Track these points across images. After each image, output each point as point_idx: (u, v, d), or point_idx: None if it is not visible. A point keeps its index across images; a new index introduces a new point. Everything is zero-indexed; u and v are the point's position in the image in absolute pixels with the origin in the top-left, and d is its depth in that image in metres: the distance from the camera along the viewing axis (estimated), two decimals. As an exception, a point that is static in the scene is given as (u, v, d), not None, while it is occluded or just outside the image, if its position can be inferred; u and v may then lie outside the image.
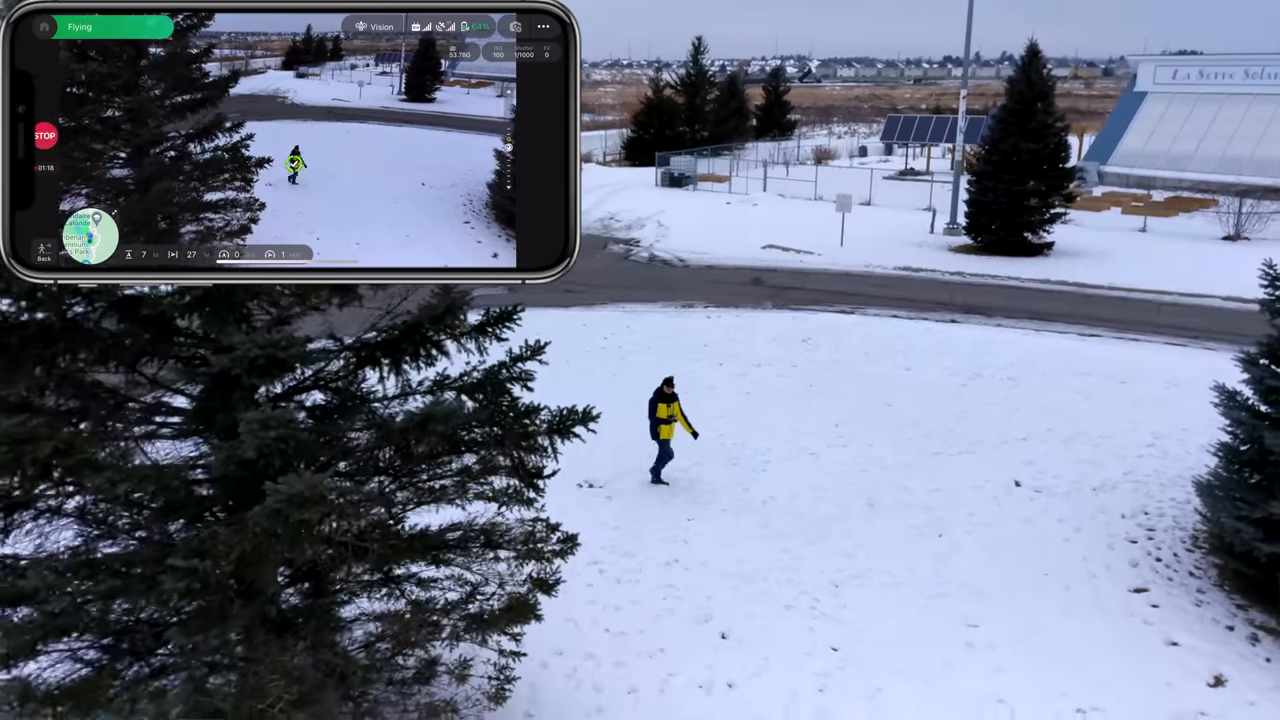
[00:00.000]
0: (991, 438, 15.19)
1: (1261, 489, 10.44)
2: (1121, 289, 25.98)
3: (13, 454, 4.85)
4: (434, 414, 5.76)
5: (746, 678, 9.31)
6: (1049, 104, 30.18)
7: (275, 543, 5.25)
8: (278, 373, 5.51)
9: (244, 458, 5.17)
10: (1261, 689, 9.17)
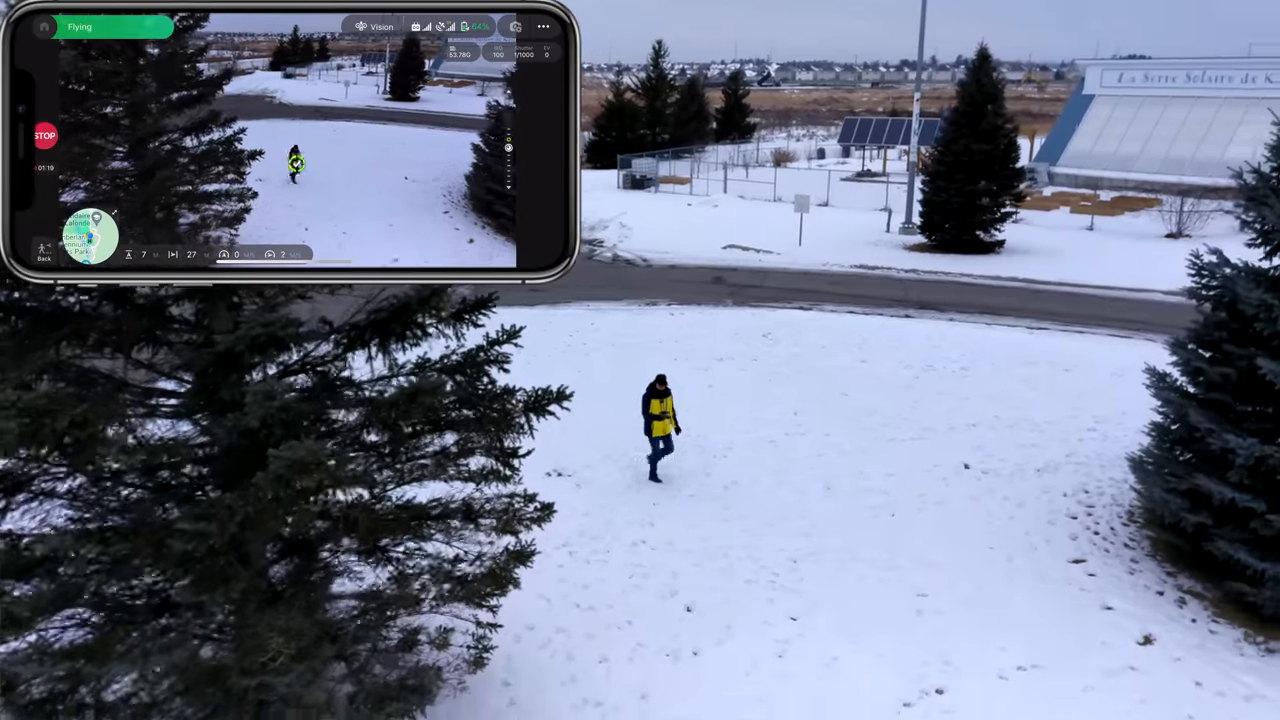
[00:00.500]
0: (942, 424, 15.90)
1: (1189, 464, 11.19)
2: (1069, 285, 26.93)
3: (34, 425, 5.26)
4: (421, 388, 6.25)
5: (710, 646, 9.86)
6: (999, 106, 31.14)
7: (277, 507, 5.69)
8: (276, 350, 5.96)
9: (247, 427, 5.62)
10: (1187, 646, 9.89)
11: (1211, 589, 10.81)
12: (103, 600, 6.17)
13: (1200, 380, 11.24)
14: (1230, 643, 10.00)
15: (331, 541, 7.22)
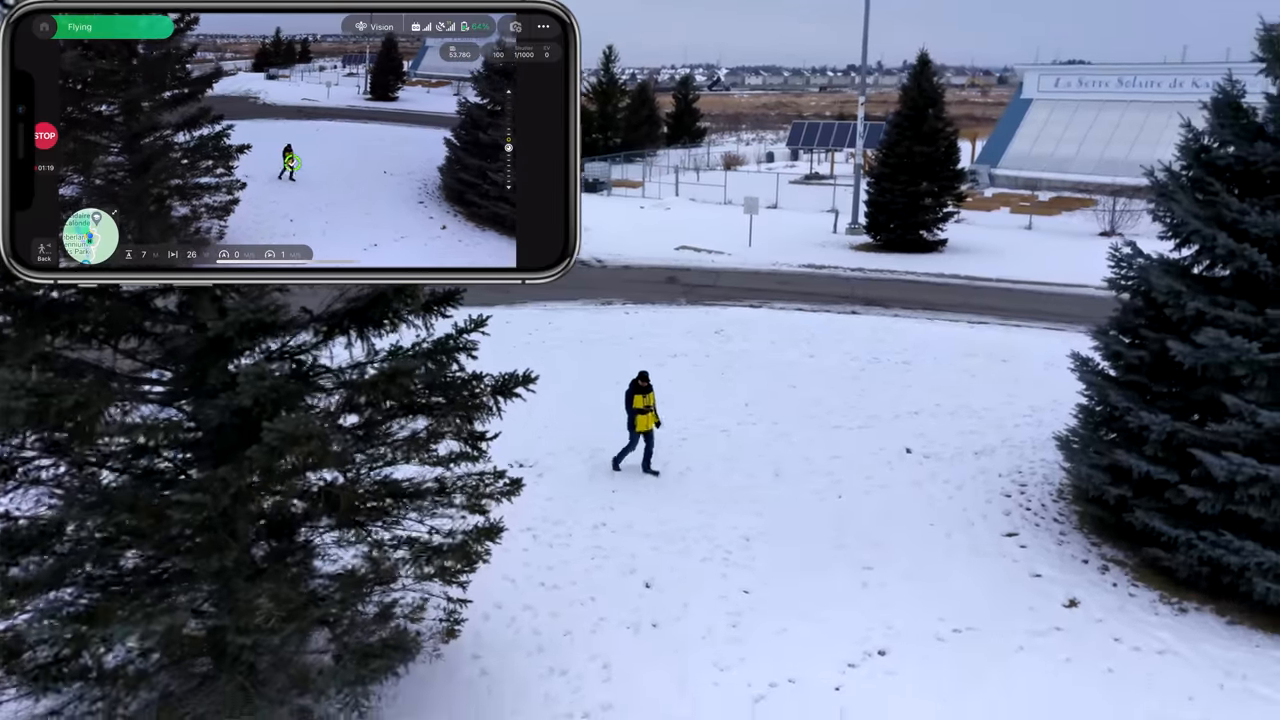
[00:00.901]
0: (887, 413, 16.67)
1: (1110, 441, 12.03)
2: (1008, 281, 28.01)
3: (41, 405, 5.69)
4: (400, 369, 6.76)
5: (668, 619, 10.45)
6: (939, 110, 32.23)
7: (269, 478, 6.17)
8: (264, 336, 6.43)
9: (240, 406, 6.10)
10: (1108, 608, 10.69)
11: (1132, 556, 11.64)
12: (100, 575, 6.58)
13: (1119, 363, 12.08)
14: (1147, 604, 10.82)
15: (312, 520, 7.68)
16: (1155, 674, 9.53)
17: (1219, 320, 10.55)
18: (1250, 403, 10.24)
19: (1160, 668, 9.66)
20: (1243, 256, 10.59)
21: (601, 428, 15.02)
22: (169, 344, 7.18)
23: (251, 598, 6.47)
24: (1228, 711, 8.93)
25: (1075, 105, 46.67)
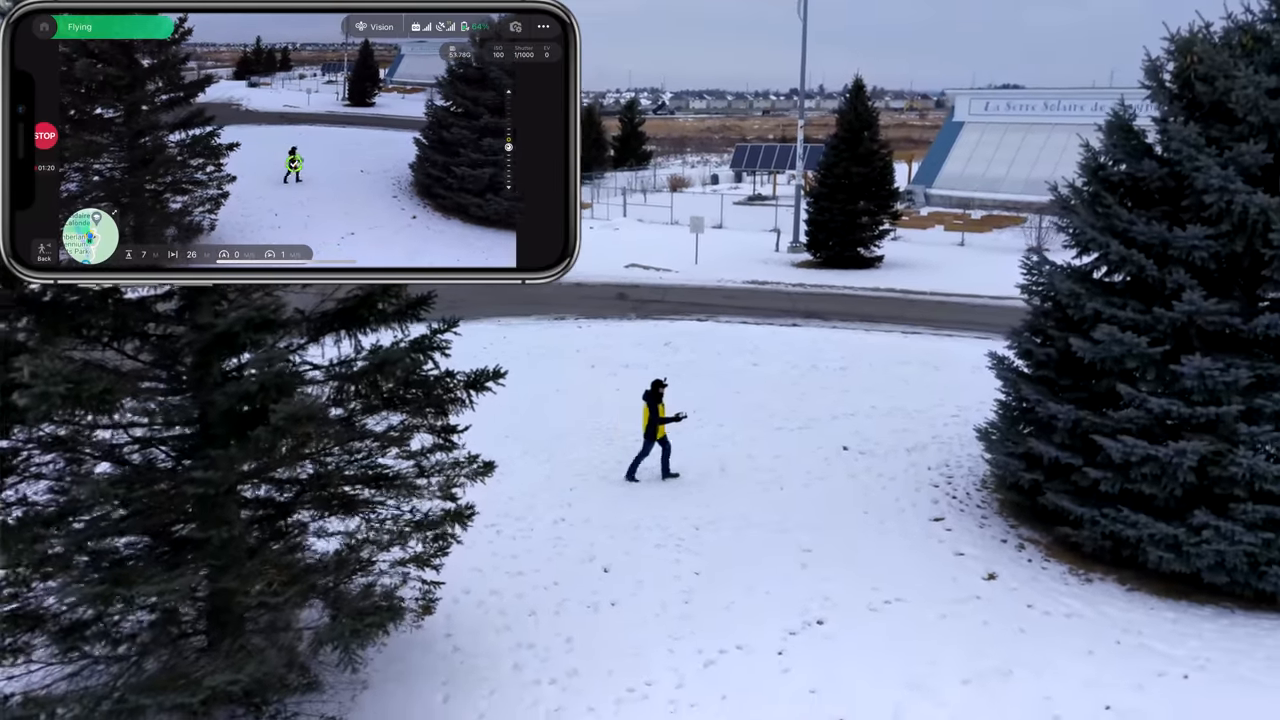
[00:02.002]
0: (825, 415, 17.79)
1: (1024, 432, 13.23)
2: (941, 294, 29.48)
3: (74, 391, 6.46)
4: (388, 358, 7.63)
5: (626, 597, 11.36)
6: (875, 132, 33.80)
7: (271, 460, 6.99)
8: (266, 331, 7.25)
9: (247, 391, 6.92)
10: (1022, 580, 11.83)
11: (1045, 535, 12.82)
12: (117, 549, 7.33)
13: (1031, 361, 13.32)
14: (1058, 575, 11.98)
15: (302, 502, 8.48)
16: (1061, 633, 10.65)
17: (1113, 319, 11.79)
18: (1141, 391, 11.47)
19: (1066, 628, 10.78)
20: (1132, 261, 11.87)
21: (557, 434, 15.91)
22: (174, 342, 7.95)
23: (256, 564, 7.26)
24: (1122, 662, 10.07)
25: (1004, 128, 48.82)
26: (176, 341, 8.05)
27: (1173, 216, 11.87)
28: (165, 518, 7.28)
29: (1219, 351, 11.25)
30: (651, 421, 14.77)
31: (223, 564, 7.24)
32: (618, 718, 9.20)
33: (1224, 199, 11.12)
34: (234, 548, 7.52)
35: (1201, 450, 10.96)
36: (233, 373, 7.92)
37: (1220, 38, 12.13)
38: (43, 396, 6.36)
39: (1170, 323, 11.48)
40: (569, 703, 9.42)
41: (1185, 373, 11.09)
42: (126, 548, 7.41)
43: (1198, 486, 11.21)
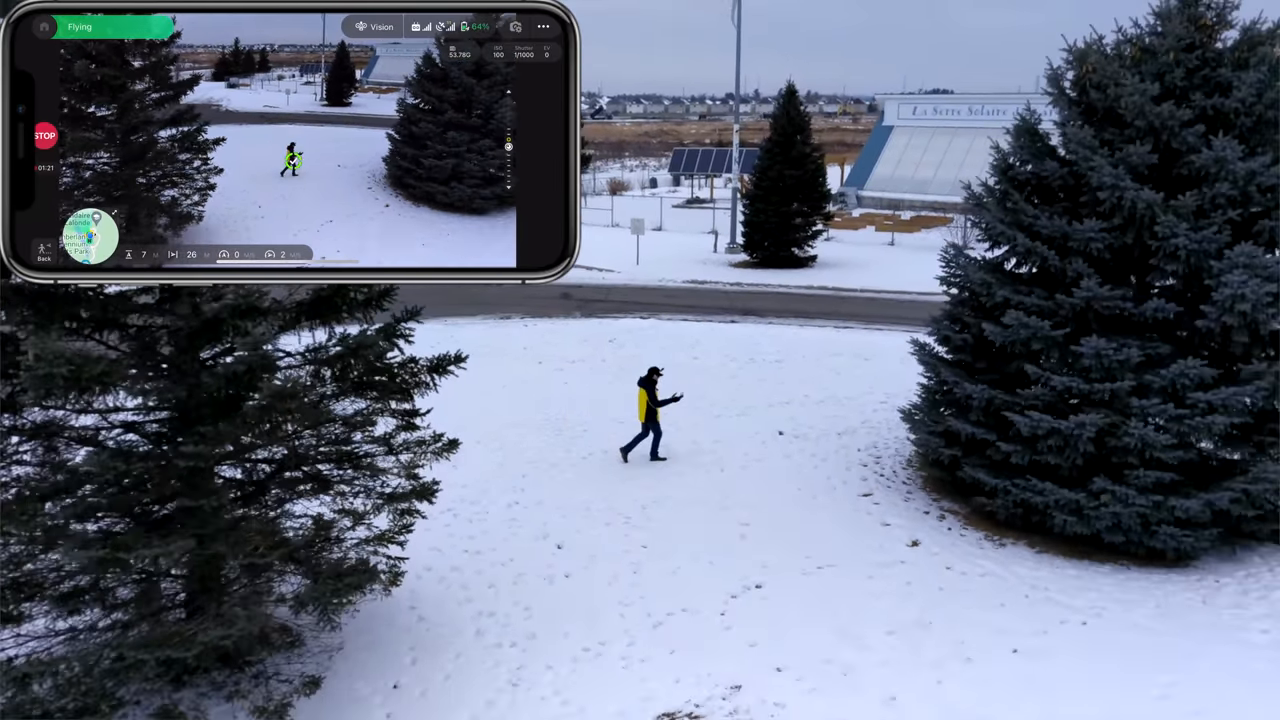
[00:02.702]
0: (762, 403, 18.78)
1: (943, 412, 14.32)
2: (872, 291, 30.77)
3: (75, 372, 7.07)
4: (363, 342, 8.33)
5: (579, 570, 12.15)
6: (807, 136, 35.04)
7: (256, 435, 7.66)
8: (251, 317, 7.90)
9: (235, 372, 7.58)
10: (943, 545, 12.88)
11: (964, 506, 13.91)
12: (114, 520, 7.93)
13: (949, 346, 14.42)
14: (974, 541, 13.06)
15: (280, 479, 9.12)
16: (976, 590, 11.71)
17: (1021, 305, 12.92)
18: (1046, 370, 12.61)
19: (981, 585, 11.85)
20: (1037, 253, 13.02)
21: (507, 426, 16.63)
22: (154, 332, 8.55)
23: (242, 532, 7.91)
24: (1029, 613, 11.15)
25: (932, 131, 50.65)
26: (156, 331, 8.67)
27: (1072, 211, 13.05)
28: (155, 492, 7.88)
29: (1113, 333, 12.43)
30: (649, 406, 15.64)
31: (210, 532, 7.86)
32: (575, 674, 9.99)
33: (1115, 195, 12.31)
34: (220, 517, 8.15)
35: (1099, 423, 12.11)
36: (209, 360, 8.55)
37: (1112, 49, 13.36)
38: (47, 378, 6.96)
39: (1070, 308, 12.64)
40: (529, 662, 10.19)
41: (1084, 353, 12.24)
42: (121, 519, 7.99)
43: (1096, 456, 12.37)
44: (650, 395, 15.77)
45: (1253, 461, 12.18)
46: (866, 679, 9.87)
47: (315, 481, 9.11)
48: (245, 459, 8.91)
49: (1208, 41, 12.80)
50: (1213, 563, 12.45)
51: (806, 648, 10.36)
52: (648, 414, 15.74)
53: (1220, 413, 11.86)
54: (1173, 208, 12.11)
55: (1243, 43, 12.69)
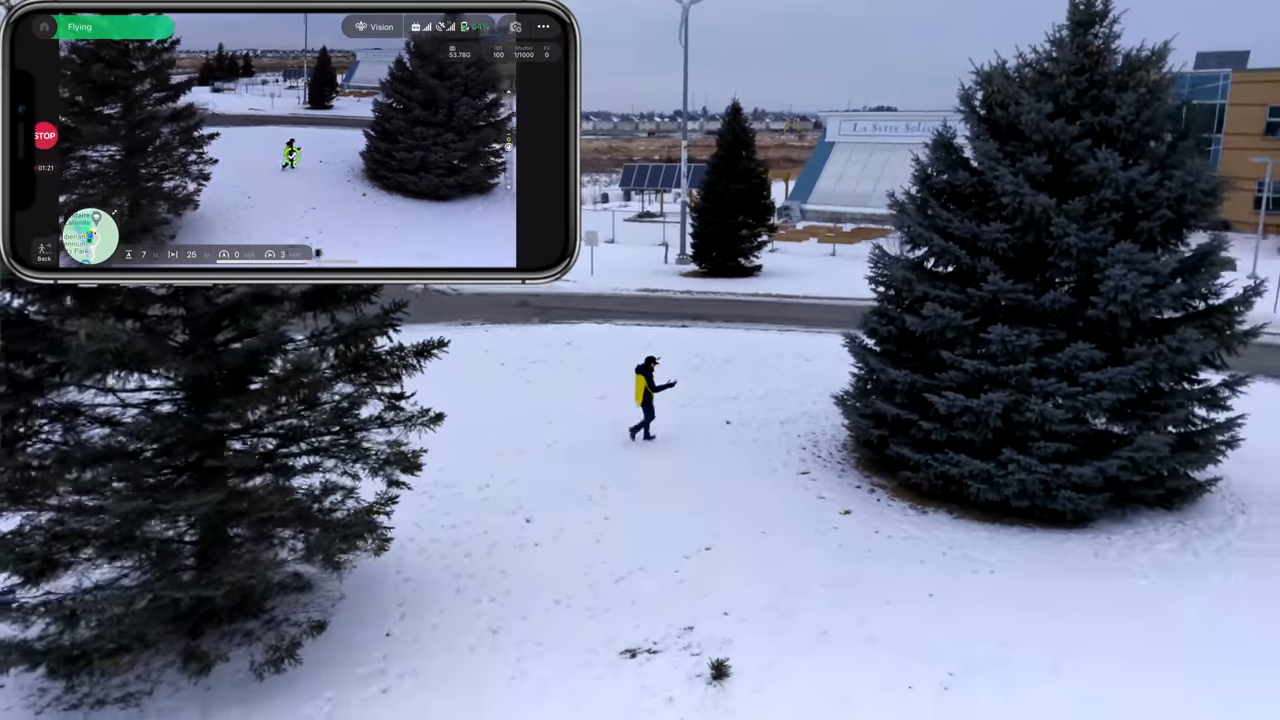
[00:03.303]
0: (710, 398, 20.27)
1: (872, 396, 15.89)
2: (814, 297, 32.54)
3: (122, 349, 8.28)
4: (362, 324, 9.63)
5: (547, 540, 13.48)
6: (751, 151, 36.82)
7: (274, 403, 8.92)
8: (267, 304, 9.14)
9: (254, 350, 8.82)
10: (871, 513, 14.44)
11: (891, 481, 15.49)
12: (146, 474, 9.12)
13: (876, 337, 16.03)
14: (900, 510, 14.63)
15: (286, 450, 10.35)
16: (900, 551, 13.25)
17: (937, 299, 14.56)
18: (959, 356, 14.23)
19: (904, 547, 13.40)
20: (950, 253, 14.69)
21: (474, 419, 17.88)
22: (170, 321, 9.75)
23: (259, 490, 9.16)
24: (945, 566, 12.71)
25: (871, 147, 52.89)
26: (172, 320, 9.88)
27: (981, 215, 14.74)
28: (183, 455, 9.08)
29: (1017, 322, 14.11)
30: (647, 391, 17.46)
31: (232, 490, 9.09)
32: (547, 622, 11.31)
33: (1017, 201, 14.01)
34: (235, 480, 9.38)
35: (1005, 400, 13.76)
36: (224, 343, 9.78)
37: (1014, 72, 15.11)
38: (98, 354, 8.17)
39: (980, 300, 14.31)
40: (506, 614, 11.49)
41: (991, 339, 13.89)
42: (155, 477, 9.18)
43: (1004, 430, 14.01)
44: (648, 381, 17.53)
45: (1138, 433, 13.90)
46: (801, 620, 11.33)
47: (317, 452, 10.34)
48: (254, 433, 10.13)
49: (1095, 66, 14.58)
50: (1106, 523, 14.14)
51: (750, 597, 11.81)
52: (645, 397, 17.51)
53: (1108, 390, 13.58)
54: (1065, 211, 13.84)
55: (1124, 68, 14.50)
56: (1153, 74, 14.44)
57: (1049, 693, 9.88)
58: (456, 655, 10.65)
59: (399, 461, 10.37)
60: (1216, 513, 14.66)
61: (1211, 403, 14.79)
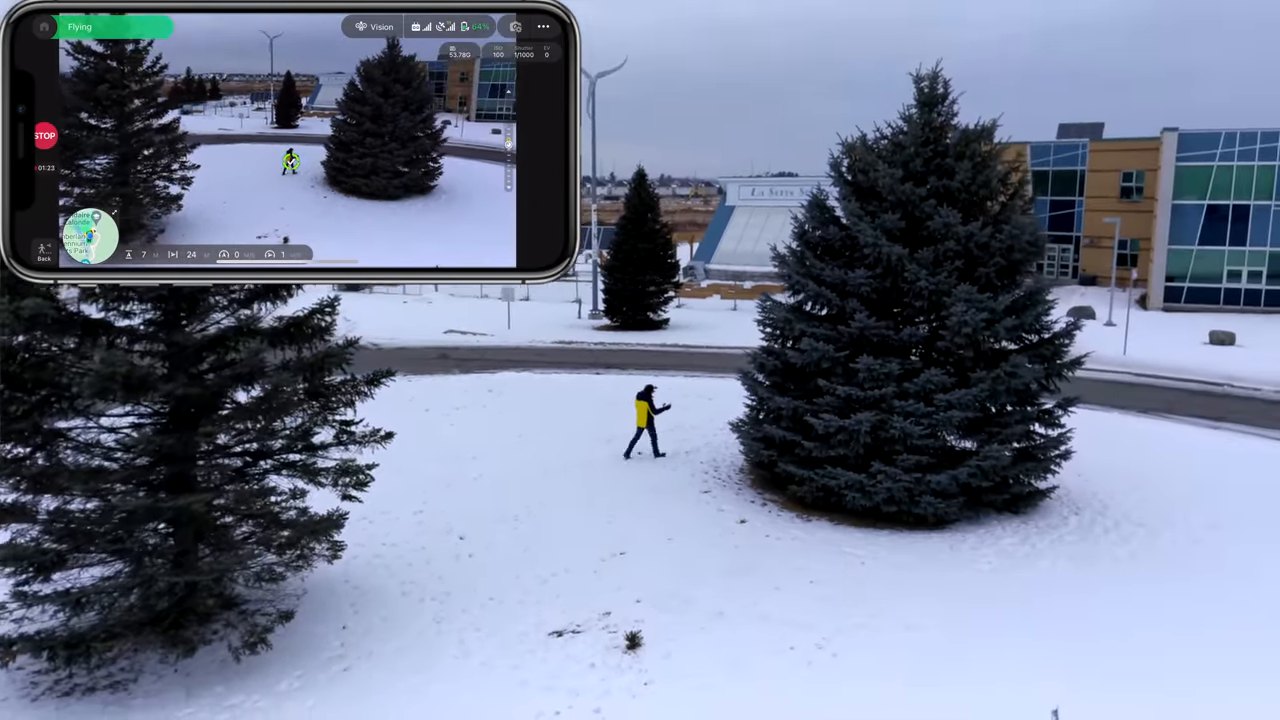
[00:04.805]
0: (623, 433, 22.21)
1: (762, 421, 18.15)
2: (716, 347, 35.03)
3: (127, 375, 9.92)
4: (330, 353, 11.39)
5: (480, 551, 15.22)
6: (656, 213, 39.54)
7: (253, 421, 10.63)
8: (248, 337, 10.85)
9: (239, 374, 10.53)
10: (764, 522, 16.57)
11: (781, 495, 17.69)
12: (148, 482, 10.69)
13: (765, 371, 18.35)
14: (788, 519, 16.81)
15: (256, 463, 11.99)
16: (787, 550, 15.39)
17: (813, 335, 16.97)
18: (833, 383, 16.61)
19: (791, 546, 15.55)
20: (824, 296, 17.16)
21: (406, 457, 19.51)
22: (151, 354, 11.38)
23: (239, 492, 10.80)
24: (824, 560, 14.89)
25: (769, 210, 56.35)
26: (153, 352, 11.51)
27: (849, 264, 17.27)
28: (173, 467, 10.68)
29: (880, 353, 16.57)
30: (649, 414, 20.16)
31: (217, 491, 10.71)
32: (484, 613, 13.05)
33: (876, 251, 16.57)
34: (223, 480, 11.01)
35: (872, 420, 16.13)
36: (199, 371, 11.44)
37: (872, 142, 17.83)
38: (110, 377, 9.82)
39: (849, 335, 16.75)
40: (447, 608, 13.20)
41: (859, 368, 16.30)
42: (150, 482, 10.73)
43: (873, 445, 16.36)
44: (650, 404, 20.25)
45: (984, 445, 16.41)
46: (703, 603, 13.32)
47: (284, 467, 12.01)
48: (227, 450, 11.75)
49: (938, 138, 17.39)
50: (962, 525, 16.54)
51: (659, 588, 13.75)
52: (648, 420, 20.36)
53: (957, 409, 16.08)
54: (916, 259, 16.45)
55: (961, 140, 17.33)
56: (984, 145, 17.31)
57: (901, 644, 12.05)
58: (407, 641, 12.31)
59: (353, 473, 12.08)
60: (1054, 515, 17.22)
61: (1048, 421, 17.45)
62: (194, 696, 11.01)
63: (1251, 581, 14.16)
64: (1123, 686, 11.02)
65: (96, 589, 10.16)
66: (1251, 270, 46.15)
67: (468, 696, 11.03)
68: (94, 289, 10.10)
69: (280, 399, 10.61)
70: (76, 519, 10.34)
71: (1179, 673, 11.37)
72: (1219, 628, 12.58)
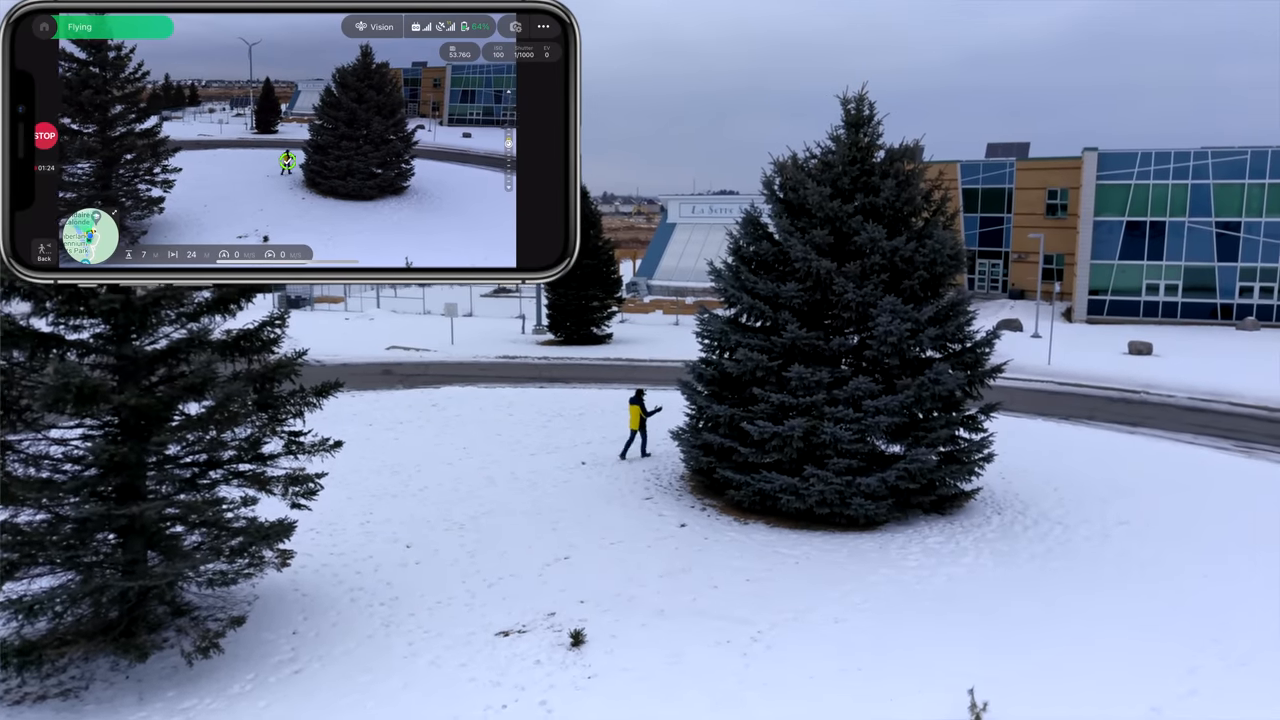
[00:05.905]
0: (567, 444, 22.81)
1: (701, 429, 18.80)
2: (659, 361, 35.66)
3: (81, 385, 10.21)
4: (283, 363, 11.74)
5: (427, 558, 15.60)
6: (599, 230, 40.14)
7: (205, 430, 10.97)
8: (199, 349, 11.17)
9: (191, 384, 10.86)
10: (702, 526, 17.19)
11: (719, 500, 18.34)
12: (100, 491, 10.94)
13: (703, 380, 19.02)
14: (726, 522, 17.45)
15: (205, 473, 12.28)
16: (724, 551, 16.02)
17: (748, 345, 17.68)
18: (767, 391, 17.33)
19: (728, 548, 16.18)
20: (757, 309, 17.90)
21: (351, 471, 19.80)
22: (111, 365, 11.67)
23: (191, 500, 11.11)
24: (760, 560, 15.54)
25: (709, 227, 57.39)
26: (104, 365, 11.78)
27: (781, 277, 18.05)
28: (126, 475, 10.95)
29: (811, 362, 17.34)
30: (640, 416, 21.17)
31: (168, 500, 11.01)
32: (432, 616, 13.45)
33: (806, 265, 17.36)
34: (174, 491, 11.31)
35: (804, 426, 16.87)
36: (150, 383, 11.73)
37: (803, 161, 18.67)
38: (65, 388, 10.10)
39: (781, 345, 17.50)
40: (395, 613, 13.57)
41: (791, 377, 17.04)
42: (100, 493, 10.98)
43: (805, 450, 17.10)
44: (641, 407, 21.22)
45: (911, 449, 17.24)
46: (644, 602, 13.88)
47: (234, 476, 12.32)
48: (178, 462, 12.04)
49: (865, 158, 18.27)
50: (892, 526, 17.33)
51: (602, 589, 14.28)
52: (640, 422, 21.32)
53: (884, 414, 16.89)
54: (844, 273, 17.27)
55: (886, 159, 18.23)
56: (908, 164, 18.24)
57: (831, 635, 12.74)
58: (357, 643, 12.67)
59: (303, 481, 12.44)
60: (978, 514, 18.11)
61: (971, 426, 18.35)
62: (146, 701, 11.25)
63: (1154, 571, 15.14)
64: (1035, 668, 11.82)
65: (50, 595, 10.38)
66: (1168, 284, 48.24)
67: (417, 693, 11.43)
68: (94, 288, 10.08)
69: (230, 410, 10.95)
70: (24, 531, 10.56)
71: (1084, 656, 12.21)
72: (1121, 616, 13.48)
